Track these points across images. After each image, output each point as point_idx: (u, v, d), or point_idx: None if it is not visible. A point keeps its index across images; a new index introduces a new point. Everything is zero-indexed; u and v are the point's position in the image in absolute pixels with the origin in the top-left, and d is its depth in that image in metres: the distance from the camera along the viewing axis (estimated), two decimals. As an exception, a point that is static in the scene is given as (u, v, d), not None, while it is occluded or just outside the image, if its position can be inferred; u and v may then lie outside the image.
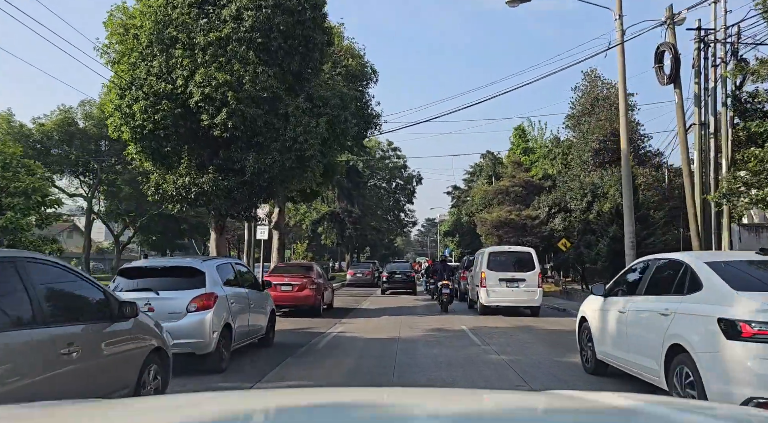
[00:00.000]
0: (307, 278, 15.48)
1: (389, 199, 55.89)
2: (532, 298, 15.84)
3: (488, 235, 35.18)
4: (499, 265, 16.07)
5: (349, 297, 25.55)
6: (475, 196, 40.66)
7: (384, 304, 21.32)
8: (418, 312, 17.43)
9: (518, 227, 32.89)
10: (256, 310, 8.94)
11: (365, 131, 24.10)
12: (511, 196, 34.45)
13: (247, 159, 15.09)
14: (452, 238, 62.30)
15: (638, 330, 6.21)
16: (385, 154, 53.49)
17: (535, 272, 16.07)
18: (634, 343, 6.27)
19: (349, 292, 29.52)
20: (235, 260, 10.57)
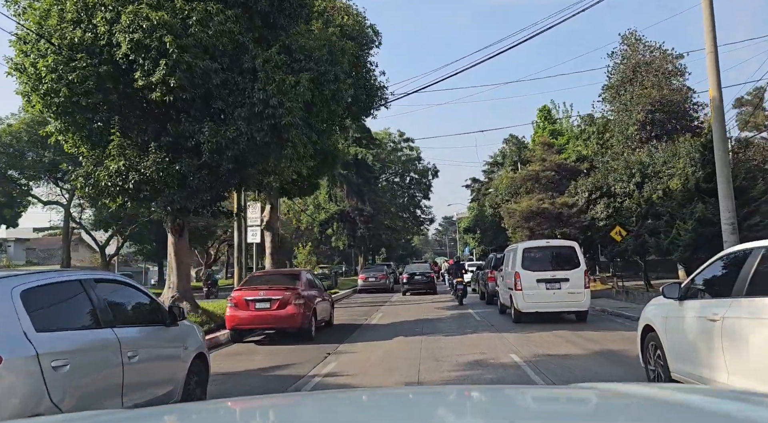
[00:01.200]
0: (291, 291, 11.39)
1: (403, 195, 51.66)
2: (577, 300, 12.97)
3: (517, 228, 30.81)
4: (536, 263, 13.34)
5: (357, 307, 21.42)
6: (500, 185, 36.29)
7: (399, 315, 17.17)
8: (443, 329, 13.20)
9: (552, 217, 28.47)
10: (151, 361, 4.85)
11: (369, 106, 19.94)
12: (543, 182, 30.04)
13: (201, 132, 11.07)
14: (473, 235, 57.90)
15: (744, 346, 4.61)
16: (396, 145, 49.28)
17: (581, 270, 13.12)
18: (737, 362, 4.71)
19: (360, 300, 25.39)
20: (111, 275, 6.39)
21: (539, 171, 29.63)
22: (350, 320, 16.20)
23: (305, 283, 12.09)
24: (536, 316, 13.20)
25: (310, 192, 23.40)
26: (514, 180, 31.68)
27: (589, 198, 27.27)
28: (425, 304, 21.71)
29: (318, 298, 12.72)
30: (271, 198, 21.37)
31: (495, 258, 20.77)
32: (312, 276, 13.33)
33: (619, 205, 25.94)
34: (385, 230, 49.33)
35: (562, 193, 29.28)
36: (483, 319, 14.95)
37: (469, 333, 12.07)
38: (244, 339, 12.01)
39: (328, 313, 13.94)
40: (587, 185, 27.27)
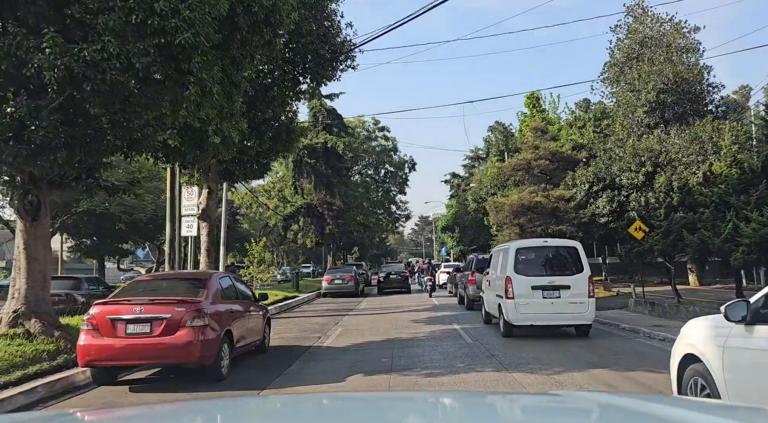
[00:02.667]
0: (186, 306, 7.27)
1: (378, 189, 47.62)
2: (580, 312, 10.78)
3: (504, 224, 27.03)
4: (531, 266, 11.29)
5: (313, 317, 17.32)
6: (485, 176, 32.59)
7: (363, 331, 13.15)
8: (422, 358, 9.22)
9: (546, 213, 24.77)
10: None
11: (332, 64, 15.88)
12: (535, 172, 26.33)
13: (40, 50, 6.88)
14: (451, 234, 54.25)
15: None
16: (371, 134, 45.21)
17: (584, 275, 10.94)
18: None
19: (321, 307, 21.29)
20: None
21: (531, 160, 25.90)
22: (296, 340, 12.10)
23: (214, 294, 7.94)
24: (529, 330, 11.16)
25: (260, 175, 19.22)
26: (502, 170, 27.92)
27: (589, 191, 23.66)
28: (397, 312, 17.72)
29: (238, 315, 8.61)
30: (208, 180, 17.13)
31: (476, 259, 18.65)
32: (233, 281, 9.16)
33: (625, 198, 22.38)
34: (357, 227, 45.26)
35: (557, 186, 25.64)
36: (474, 340, 11.06)
37: (461, 370, 8.07)
38: (118, 378, 7.84)
39: (260, 333, 9.83)
40: (587, 176, 23.64)
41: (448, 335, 11.98)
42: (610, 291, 21.36)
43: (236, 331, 8.32)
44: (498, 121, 35.33)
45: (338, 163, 39.79)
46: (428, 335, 12.08)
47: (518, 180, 28.70)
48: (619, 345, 10.01)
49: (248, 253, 23.13)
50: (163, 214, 30.19)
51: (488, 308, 13.40)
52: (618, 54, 25.10)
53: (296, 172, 38.44)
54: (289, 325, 15.13)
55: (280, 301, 21.45)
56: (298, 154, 37.92)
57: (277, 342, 11.70)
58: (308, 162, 37.97)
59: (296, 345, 11.30)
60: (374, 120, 44.83)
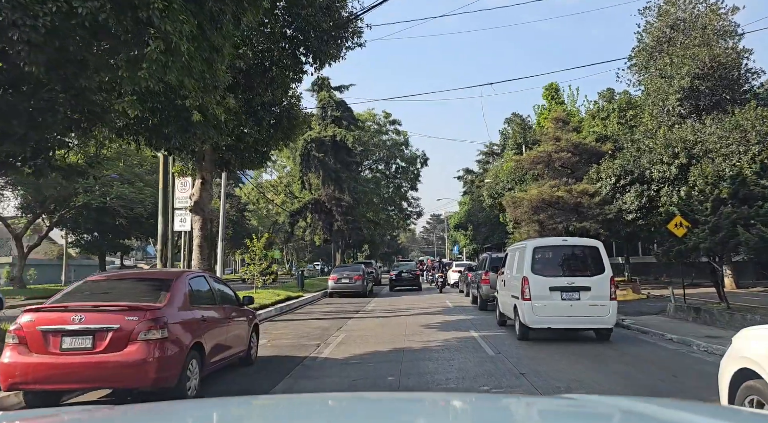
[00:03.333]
0: (140, 314, 5.76)
1: (388, 185, 46.04)
2: (601, 315, 10.27)
3: (522, 221, 25.35)
4: (549, 266, 10.81)
5: (315, 320, 15.81)
6: (501, 171, 30.89)
7: (368, 339, 11.63)
8: (437, 377, 7.68)
9: (569, 208, 23.06)
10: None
11: (336, 41, 14.35)
12: (556, 165, 24.61)
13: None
14: (464, 232, 52.55)
15: None
16: (381, 128, 43.62)
17: (605, 276, 10.40)
18: None
19: (325, 308, 19.79)
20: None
21: (552, 152, 24.18)
22: (291, 348, 10.60)
23: (181, 298, 6.44)
24: (547, 333, 10.62)
25: (259, 164, 17.74)
26: (520, 163, 26.22)
27: (615, 185, 21.92)
28: (408, 315, 16.16)
29: (214, 323, 7.11)
30: (202, 169, 15.68)
31: (490, 258, 18.13)
32: (210, 282, 7.62)
33: (655, 193, 20.64)
34: (367, 224, 43.78)
35: (580, 180, 23.90)
36: (496, 351, 9.52)
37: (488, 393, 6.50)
38: (62, 401, 6.36)
39: (244, 342, 8.33)
40: (614, 169, 21.89)
41: (466, 345, 10.40)
42: (639, 293, 19.64)
43: (210, 342, 6.82)
44: (515, 112, 33.63)
45: (347, 157, 38.32)
46: (443, 345, 10.51)
47: (537, 174, 26.99)
48: (674, 363, 8.37)
49: (249, 250, 21.69)
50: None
51: (503, 309, 12.83)
52: (647, 38, 23.32)
53: (303, 166, 37.01)
54: (286, 330, 13.64)
55: (281, 301, 19.99)
56: (306, 148, 36.54)
57: (268, 351, 10.21)
58: (316, 156, 36.54)
59: (289, 355, 9.79)
60: (385, 113, 43.33)
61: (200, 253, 15.41)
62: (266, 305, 18.05)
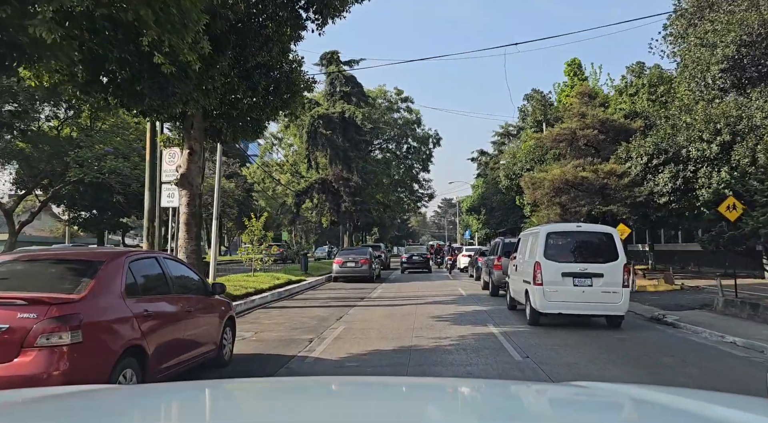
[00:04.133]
0: (40, 310, 4.12)
1: (399, 165, 44.24)
2: (614, 302, 10.14)
3: (541, 204, 23.57)
4: (563, 252, 10.69)
5: (313, 308, 14.22)
6: (520, 150, 29.01)
7: (371, 333, 10.05)
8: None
9: (594, 190, 21.25)
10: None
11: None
12: (580, 143, 22.72)
13: None
14: (477, 216, 50.75)
15: None
16: (393, 105, 41.69)
17: (619, 263, 10.28)
18: None
19: (327, 294, 18.23)
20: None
21: (576, 129, 22.27)
22: (279, 344, 9.01)
23: (111, 287, 4.81)
24: (558, 319, 10.69)
25: (254, 134, 16.00)
26: (541, 142, 24.33)
27: (647, 165, 20.01)
28: (417, 304, 14.53)
29: (167, 319, 5.53)
30: (189, 138, 14.03)
31: (503, 243, 17.62)
32: (163, 266, 5.98)
33: (692, 174, 18.73)
34: (376, 206, 42.14)
35: (606, 160, 22.02)
36: (523, 354, 7.95)
37: None
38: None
39: (214, 339, 6.76)
40: (646, 148, 19.96)
41: (485, 344, 8.75)
42: (672, 284, 17.85)
43: (158, 343, 5.22)
44: (535, 89, 31.61)
45: (356, 136, 36.57)
46: (457, 343, 8.87)
47: (559, 153, 25.13)
48: (750, 376, 6.66)
49: (248, 229, 20.15)
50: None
51: (514, 294, 12.74)
52: (685, 3, 21.16)
53: (310, 144, 35.32)
54: (279, 319, 12.08)
55: (281, 285, 18.46)
56: (313, 125, 34.84)
57: (250, 347, 8.65)
58: (323, 133, 34.83)
59: (274, 354, 8.21)
60: (397, 90, 41.36)
61: (187, 231, 13.83)
62: (262, 290, 16.53)
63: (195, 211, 14.07)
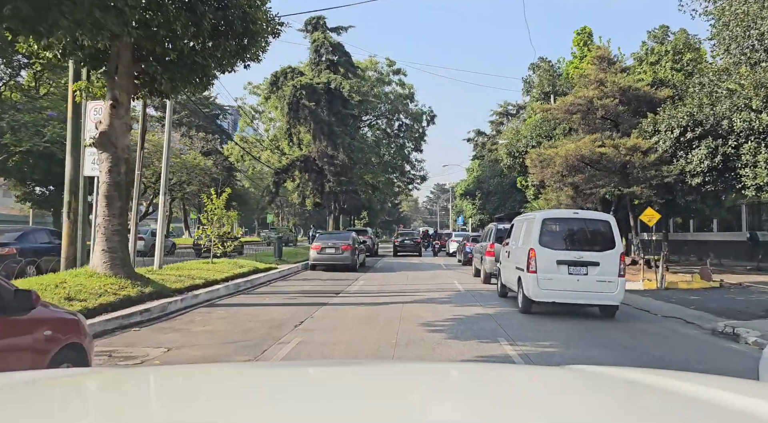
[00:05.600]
0: None
1: (390, 144, 41.05)
2: (609, 292, 9.91)
3: (549, 186, 20.60)
4: (558, 239, 10.36)
5: (275, 307, 11.13)
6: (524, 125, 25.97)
7: (336, 346, 7.09)
8: None
9: (613, 169, 18.28)
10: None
11: None
12: (598, 114, 19.68)
13: None
14: (472, 201, 47.78)
15: None
16: (384, 77, 38.36)
17: (615, 252, 10.02)
18: None
19: (297, 287, 15.18)
20: None
21: (593, 98, 19.20)
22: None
23: None
24: (550, 307, 10.44)
25: (201, 85, 12.57)
26: (550, 113, 21.24)
27: (678, 139, 17.03)
28: (404, 303, 11.53)
29: None
30: (114, 87, 10.82)
31: (495, 229, 16.97)
32: None
33: (733, 150, 15.80)
34: (365, 187, 39.03)
35: (627, 135, 19.01)
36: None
37: None
38: None
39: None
40: (678, 119, 16.95)
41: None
42: (710, 281, 14.98)
43: None
44: (542, 57, 28.41)
45: (343, 109, 33.32)
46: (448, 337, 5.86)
47: (570, 128, 22.10)
48: None
49: (206, 208, 17.03)
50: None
51: (505, 281, 12.49)
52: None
53: (291, 117, 32.03)
54: (218, 325, 9.02)
55: (240, 276, 15.43)
56: (295, 95, 31.53)
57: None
58: (306, 105, 31.54)
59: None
60: (389, 61, 37.98)
61: (107, 205, 10.70)
62: (215, 281, 13.47)
63: (119, 180, 10.93)
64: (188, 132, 46.85)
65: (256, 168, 42.87)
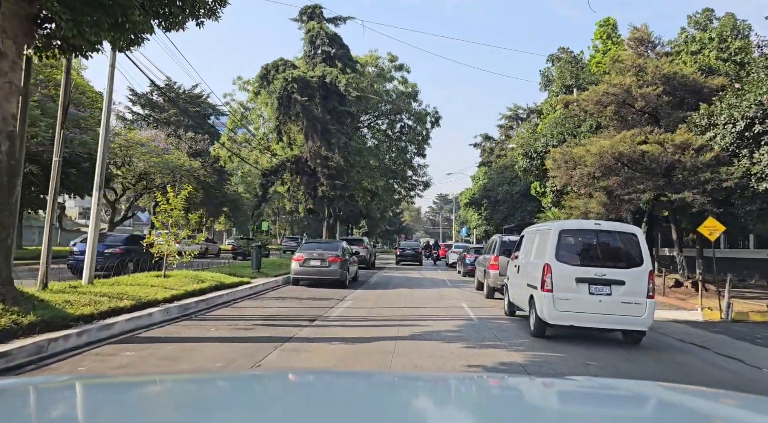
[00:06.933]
0: None
1: (391, 148, 37.96)
2: (635, 315, 8.67)
3: (573, 192, 17.45)
4: (578, 253, 9.22)
5: (212, 346, 7.87)
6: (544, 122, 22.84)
7: None
8: None
9: (657, 171, 15.12)
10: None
11: None
12: (636, 105, 16.53)
13: None
14: (478, 210, 44.64)
15: None
16: (385, 73, 35.33)
17: (643, 270, 8.81)
18: None
19: (262, 311, 11.92)
20: None
21: (632, 85, 16.07)
22: None
23: None
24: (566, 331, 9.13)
25: (117, 31, 9.52)
26: (577, 105, 18.09)
27: (742, 135, 13.87)
28: (398, 339, 8.36)
29: None
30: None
31: (500, 240, 16.24)
32: None
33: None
34: (363, 193, 35.90)
35: (672, 131, 15.85)
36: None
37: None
38: None
39: None
40: (742, 109, 13.80)
41: None
42: None
43: None
44: (563, 47, 25.23)
45: (339, 106, 30.27)
46: None
47: (599, 124, 18.95)
48: None
49: (159, 207, 13.86)
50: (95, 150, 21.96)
51: (513, 298, 11.41)
52: None
53: (282, 113, 28.97)
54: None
55: (199, 293, 12.28)
56: (286, 89, 28.50)
57: None
58: (298, 100, 28.49)
59: None
60: (390, 56, 34.89)
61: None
62: (149, 303, 10.26)
63: (9, 156, 7.79)
64: (176, 131, 43.92)
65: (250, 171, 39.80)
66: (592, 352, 8.30)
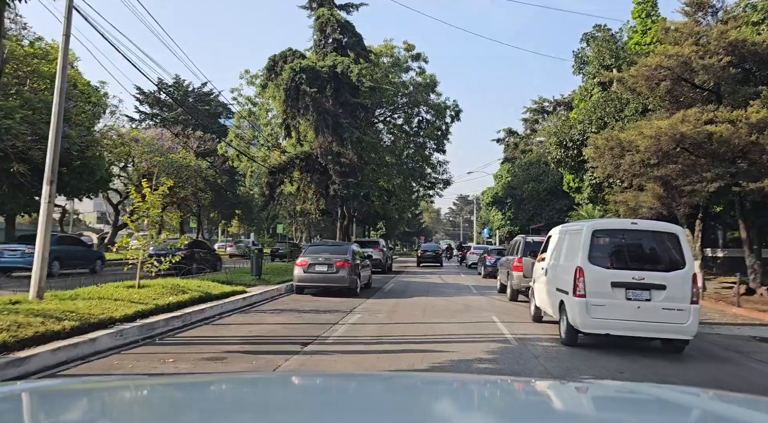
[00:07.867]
0: None
1: (408, 144, 35.65)
2: (678, 322, 7.99)
3: (618, 184, 14.94)
4: (612, 255, 8.55)
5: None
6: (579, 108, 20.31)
7: None
8: None
9: (727, 156, 12.58)
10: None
11: None
12: (696, 79, 14.01)
13: None
14: (501, 209, 42.11)
15: None
16: (401, 63, 33.03)
17: (686, 272, 8.10)
18: None
19: (248, 329, 9.69)
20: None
21: (691, 56, 13.55)
22: None
23: None
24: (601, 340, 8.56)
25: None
26: (622, 84, 15.58)
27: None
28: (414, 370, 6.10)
29: None
30: None
31: (524, 241, 15.65)
32: None
33: None
34: (379, 192, 33.67)
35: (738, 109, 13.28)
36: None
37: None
38: None
39: None
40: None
41: None
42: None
43: None
44: (598, 24, 22.59)
45: (352, 98, 28.10)
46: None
47: (645, 106, 16.43)
48: None
49: (134, 208, 11.77)
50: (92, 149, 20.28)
51: (540, 303, 10.65)
52: None
53: (290, 105, 26.88)
54: None
55: (171, 308, 10.13)
56: (294, 80, 26.44)
57: None
58: (307, 92, 26.38)
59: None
60: (407, 45, 32.59)
61: None
62: (100, 324, 8.10)
63: None
64: (184, 131, 42.21)
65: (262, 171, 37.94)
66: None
